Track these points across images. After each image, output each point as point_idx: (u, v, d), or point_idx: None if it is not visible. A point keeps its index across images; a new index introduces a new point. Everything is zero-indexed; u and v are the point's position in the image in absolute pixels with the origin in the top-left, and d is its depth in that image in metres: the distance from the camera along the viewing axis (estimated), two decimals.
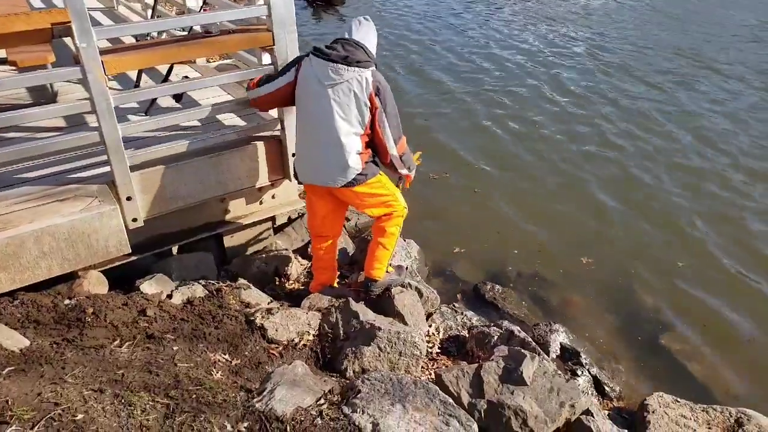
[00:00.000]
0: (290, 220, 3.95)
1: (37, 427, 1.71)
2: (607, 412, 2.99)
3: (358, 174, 2.80)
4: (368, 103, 2.70)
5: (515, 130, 6.54)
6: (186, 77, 3.94)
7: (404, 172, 3.02)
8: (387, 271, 3.18)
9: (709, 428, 2.78)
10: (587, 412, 2.62)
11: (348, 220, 4.30)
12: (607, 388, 3.20)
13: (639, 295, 4.03)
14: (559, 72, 8.49)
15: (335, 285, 3.30)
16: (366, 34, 2.79)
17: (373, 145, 2.86)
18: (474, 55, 9.34)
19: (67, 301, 2.64)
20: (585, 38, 10.24)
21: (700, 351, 3.58)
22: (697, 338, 3.67)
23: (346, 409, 2.14)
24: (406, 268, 3.46)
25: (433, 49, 9.64)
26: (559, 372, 2.79)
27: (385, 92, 2.74)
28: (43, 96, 3.70)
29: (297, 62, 2.83)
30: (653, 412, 2.80)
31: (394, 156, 2.87)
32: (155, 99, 3.53)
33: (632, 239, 4.60)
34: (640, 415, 2.84)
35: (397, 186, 3.16)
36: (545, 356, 3.11)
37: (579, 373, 3.23)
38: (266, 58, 3.49)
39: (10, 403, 1.78)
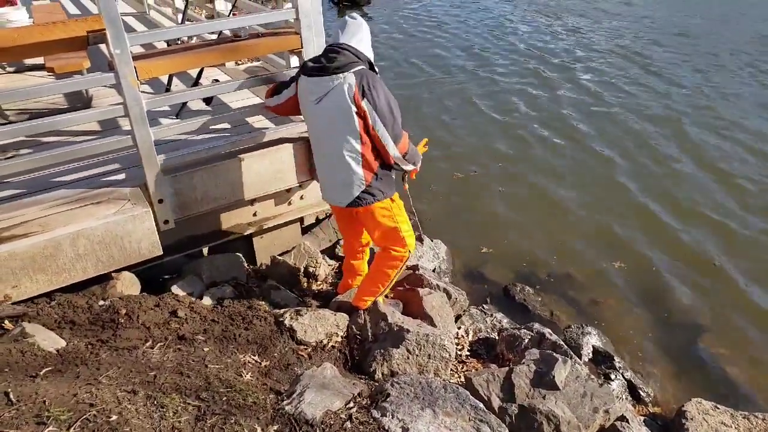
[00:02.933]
0: (318, 221, 3.96)
1: (73, 427, 1.74)
2: (642, 418, 2.90)
3: (363, 191, 2.63)
4: (355, 108, 2.49)
5: (543, 131, 6.44)
6: (216, 80, 3.99)
7: (409, 168, 2.77)
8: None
9: None
10: (622, 418, 2.55)
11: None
12: (642, 393, 3.11)
13: (673, 296, 3.91)
14: (592, 72, 8.31)
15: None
16: (353, 34, 2.58)
17: (377, 150, 2.63)
18: (505, 53, 9.23)
19: (101, 302, 2.69)
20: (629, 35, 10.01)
21: (740, 355, 3.44)
22: (737, 341, 3.54)
23: (375, 413, 2.12)
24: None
25: (463, 47, 9.56)
26: (592, 376, 2.73)
27: (373, 91, 2.48)
28: (79, 100, 3.80)
29: (299, 74, 2.72)
30: (692, 419, 2.71)
31: (397, 157, 2.63)
32: (186, 102, 3.58)
33: (665, 239, 4.46)
34: (677, 422, 2.75)
35: (403, 180, 2.97)
36: (577, 359, 3.04)
37: (612, 377, 3.15)
38: (294, 61, 3.50)
39: (47, 403, 1.82)
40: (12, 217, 2.65)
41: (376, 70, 2.66)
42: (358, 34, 2.59)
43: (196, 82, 3.73)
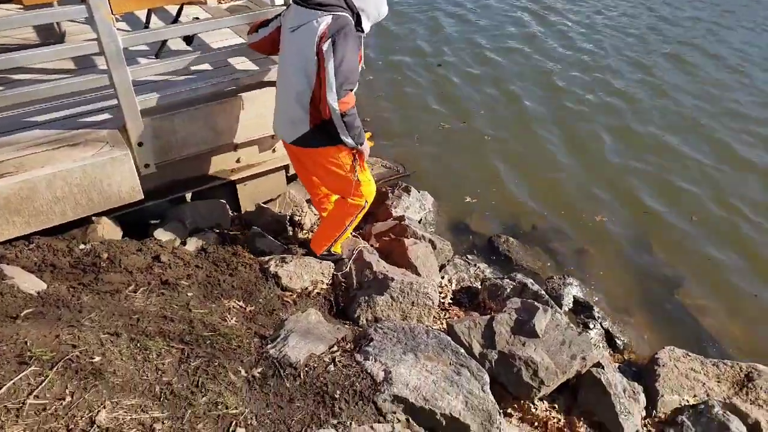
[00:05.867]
0: None
1: (56, 368, 1.74)
2: (617, 365, 3.00)
3: (304, 133, 2.56)
4: (315, 50, 2.37)
5: (532, 79, 6.35)
6: (196, 18, 3.82)
7: (348, 141, 2.48)
8: (332, 252, 2.99)
9: (719, 382, 2.79)
10: (598, 365, 2.63)
11: None
12: (618, 342, 3.21)
13: (653, 249, 3.98)
14: (587, 24, 8.14)
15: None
16: None
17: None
18: (504, 10, 8.98)
19: (82, 246, 2.65)
20: None
21: (713, 306, 3.55)
22: (710, 293, 3.64)
23: (358, 357, 2.16)
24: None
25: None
26: (572, 325, 2.80)
27: (339, 40, 2.34)
28: (51, 36, 3.62)
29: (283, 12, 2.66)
30: (663, 365, 2.81)
31: (333, 109, 2.37)
32: (165, 41, 3.42)
33: (646, 193, 4.50)
34: (650, 368, 2.85)
35: (353, 167, 2.64)
36: (558, 309, 3.11)
37: (591, 326, 3.24)
38: None
39: (29, 344, 1.81)
40: None
41: (363, 28, 2.50)
42: None
43: (175, 20, 3.56)
